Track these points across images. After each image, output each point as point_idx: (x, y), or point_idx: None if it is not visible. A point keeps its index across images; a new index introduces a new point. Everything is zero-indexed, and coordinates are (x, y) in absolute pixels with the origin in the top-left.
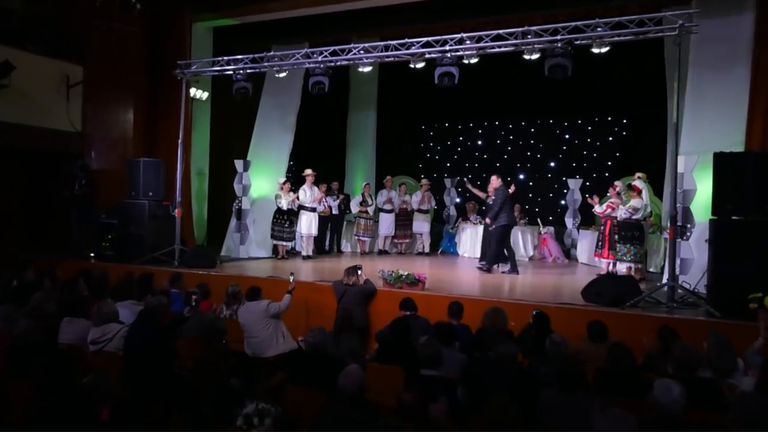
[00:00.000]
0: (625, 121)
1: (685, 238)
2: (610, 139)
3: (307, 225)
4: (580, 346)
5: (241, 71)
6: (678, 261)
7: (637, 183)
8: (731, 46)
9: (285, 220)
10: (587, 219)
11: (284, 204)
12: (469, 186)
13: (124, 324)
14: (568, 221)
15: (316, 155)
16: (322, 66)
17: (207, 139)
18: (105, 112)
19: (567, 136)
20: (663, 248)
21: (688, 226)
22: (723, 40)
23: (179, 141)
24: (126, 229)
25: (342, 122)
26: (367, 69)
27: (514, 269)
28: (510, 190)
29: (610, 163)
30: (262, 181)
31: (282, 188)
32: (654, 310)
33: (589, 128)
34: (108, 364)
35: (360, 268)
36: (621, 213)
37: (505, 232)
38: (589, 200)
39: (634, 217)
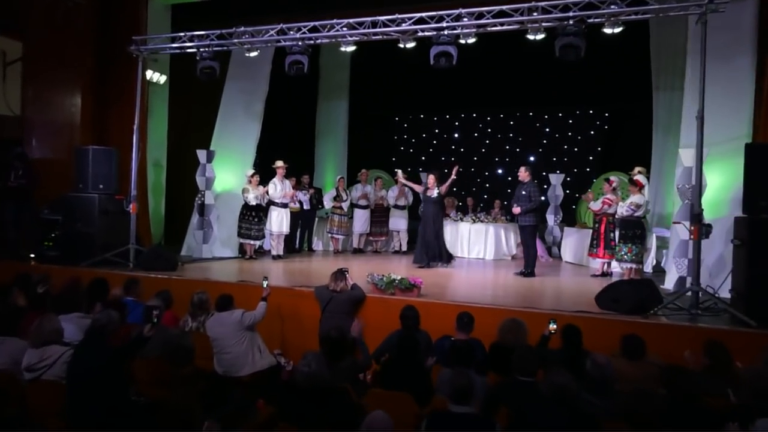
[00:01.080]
0: (607, 114)
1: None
2: (592, 133)
3: (278, 222)
4: (615, 365)
5: (207, 48)
6: (686, 262)
7: (640, 178)
8: (734, 33)
9: (253, 216)
10: (569, 216)
11: (252, 199)
12: (402, 178)
13: (68, 346)
14: (550, 218)
15: (283, 146)
16: (300, 43)
17: (165, 127)
18: (48, 94)
19: (547, 130)
20: (654, 247)
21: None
22: (724, 28)
23: (134, 127)
24: (72, 227)
25: (311, 111)
26: (351, 49)
27: (531, 271)
28: (453, 176)
29: (591, 158)
30: (227, 174)
31: (250, 181)
32: (676, 317)
33: (570, 122)
34: (47, 395)
35: (347, 272)
36: (622, 210)
37: (534, 231)
38: (584, 197)
39: (636, 214)
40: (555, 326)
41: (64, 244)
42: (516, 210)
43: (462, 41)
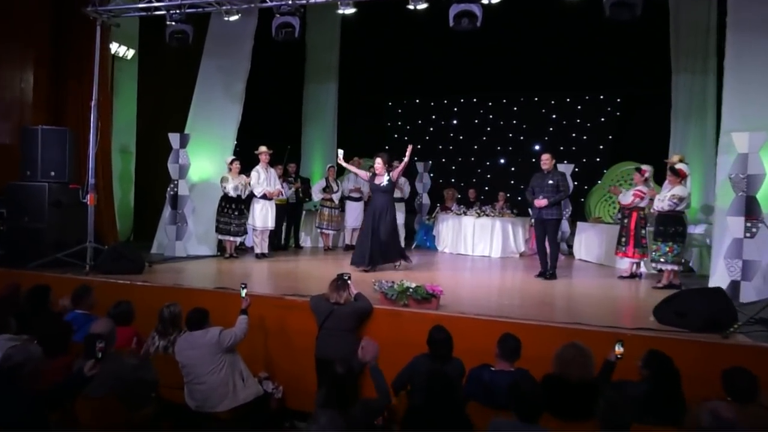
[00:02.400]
0: (619, 100)
1: (749, 235)
2: (603, 120)
3: (262, 216)
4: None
5: (178, 11)
6: (740, 264)
7: (682, 167)
8: None
9: (233, 209)
10: (577, 209)
11: (231, 189)
12: (342, 161)
13: None
14: None
15: (266, 132)
16: (290, 2)
17: (134, 108)
18: None
19: (554, 117)
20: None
21: (756, 221)
22: None
23: (92, 104)
24: (18, 221)
25: (297, 95)
26: (350, 11)
27: (554, 273)
28: (406, 159)
29: (602, 146)
30: (204, 161)
31: (230, 169)
32: (757, 336)
33: (579, 108)
34: None
35: (350, 279)
36: (662, 204)
37: (559, 226)
38: (611, 189)
39: (678, 208)
40: (622, 350)
41: (7, 243)
42: (542, 202)
43: (485, 0)
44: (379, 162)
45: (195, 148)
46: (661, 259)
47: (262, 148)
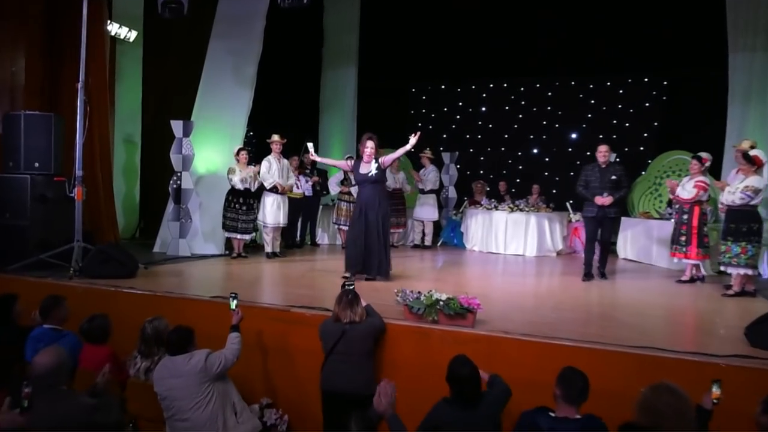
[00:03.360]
0: (665, 83)
1: None
2: (647, 104)
3: (273, 211)
4: None
5: None
6: None
7: (759, 154)
8: None
9: (241, 204)
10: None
11: (238, 182)
12: (314, 155)
13: None
14: None
15: (281, 121)
16: None
17: (138, 95)
18: None
19: (593, 101)
20: None
21: None
22: None
23: (78, 85)
24: None
25: (314, 81)
26: None
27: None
28: (412, 142)
29: (646, 134)
30: (212, 152)
31: (237, 159)
32: None
33: (621, 92)
34: None
35: (353, 285)
36: (733, 197)
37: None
38: (669, 184)
39: (752, 202)
40: (720, 392)
41: None
42: (606, 200)
43: None
44: (370, 145)
45: (202, 138)
46: (733, 262)
47: (275, 137)
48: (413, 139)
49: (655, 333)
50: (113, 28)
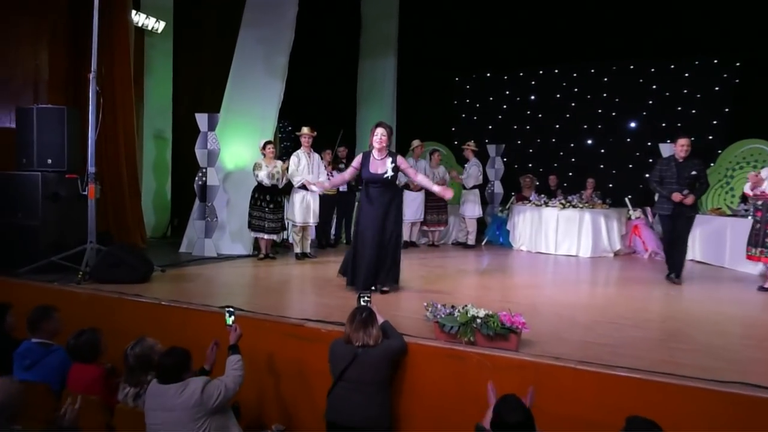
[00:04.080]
0: (738, 64)
1: None
2: (717, 89)
3: (302, 210)
4: None
5: None
6: None
7: None
8: None
9: (268, 201)
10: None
11: (264, 177)
12: (320, 186)
13: None
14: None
15: (316, 114)
16: None
17: (169, 89)
18: (6, 49)
19: (654, 87)
20: None
21: None
22: None
23: (90, 75)
24: (11, 219)
25: (351, 72)
26: None
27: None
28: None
29: (715, 122)
30: (241, 146)
31: (264, 154)
32: None
33: (687, 75)
34: None
35: (370, 299)
36: None
37: None
38: (752, 178)
39: None
40: None
41: None
42: (689, 199)
43: None
44: (379, 133)
45: (231, 132)
46: None
47: (304, 129)
48: (438, 189)
49: (748, 361)
50: (140, 18)
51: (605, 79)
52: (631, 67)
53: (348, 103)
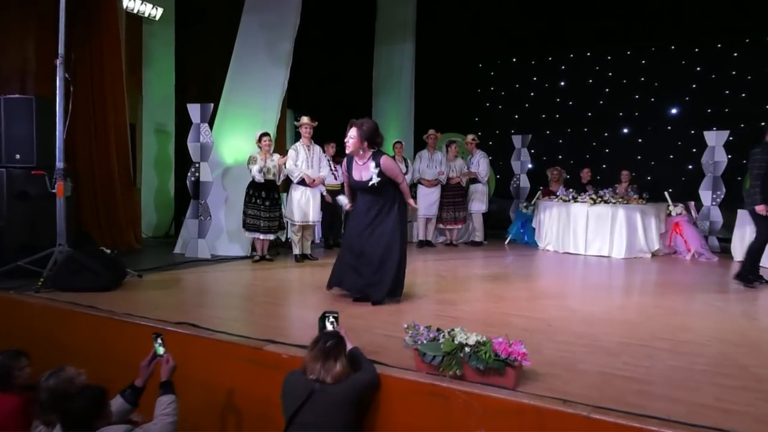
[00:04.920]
0: None
1: None
2: None
3: (301, 207)
4: None
5: None
6: None
7: None
8: None
9: (263, 199)
10: (735, 192)
11: (257, 172)
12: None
13: None
14: (705, 195)
15: (329, 104)
16: None
17: (171, 80)
18: None
19: (698, 69)
20: None
21: None
22: None
23: (57, 61)
24: None
25: (367, 59)
26: None
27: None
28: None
29: None
30: (240, 140)
31: (260, 147)
32: None
33: (735, 54)
34: None
35: (336, 321)
36: None
37: None
38: None
39: None
40: None
41: None
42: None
43: None
44: (350, 135)
45: (230, 124)
46: None
47: (304, 119)
48: (411, 202)
49: None
50: (135, 4)
51: (643, 62)
52: (672, 47)
53: (364, 92)
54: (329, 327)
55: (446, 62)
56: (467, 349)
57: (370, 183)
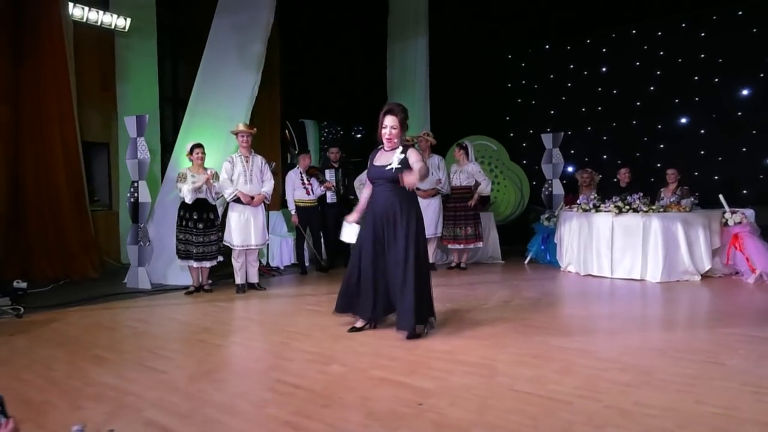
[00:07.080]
0: None
1: None
2: None
3: (240, 229)
4: None
5: None
6: None
7: None
8: None
9: (196, 221)
10: None
11: (186, 193)
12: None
13: None
14: None
15: (343, 110)
16: None
17: (154, 95)
18: None
19: None
20: None
21: None
22: None
23: None
24: None
25: (380, 58)
26: None
27: None
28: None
29: None
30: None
31: (192, 160)
32: None
33: None
34: None
35: None
36: None
37: None
38: None
39: None
40: None
41: None
42: None
43: None
44: (388, 122)
45: (195, 137)
46: None
47: (240, 126)
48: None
49: None
50: (98, 16)
51: (702, 35)
52: (739, 13)
53: (379, 95)
54: None
55: (465, 55)
56: None
57: (388, 167)
